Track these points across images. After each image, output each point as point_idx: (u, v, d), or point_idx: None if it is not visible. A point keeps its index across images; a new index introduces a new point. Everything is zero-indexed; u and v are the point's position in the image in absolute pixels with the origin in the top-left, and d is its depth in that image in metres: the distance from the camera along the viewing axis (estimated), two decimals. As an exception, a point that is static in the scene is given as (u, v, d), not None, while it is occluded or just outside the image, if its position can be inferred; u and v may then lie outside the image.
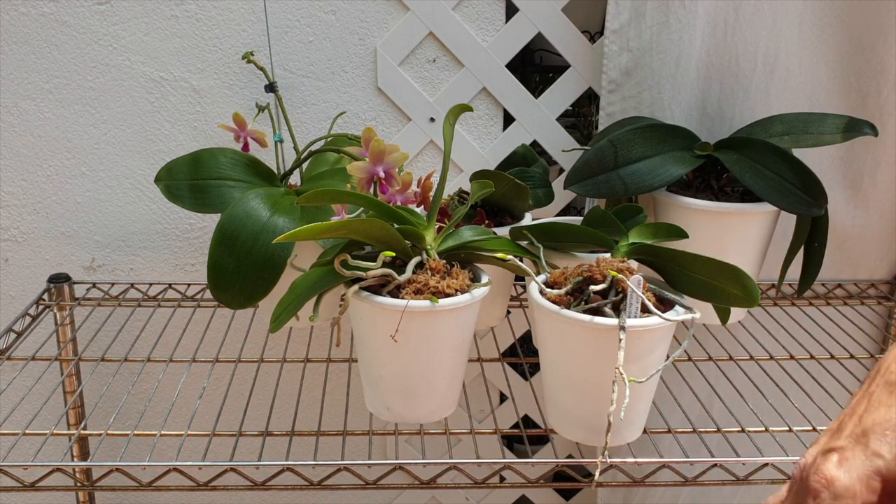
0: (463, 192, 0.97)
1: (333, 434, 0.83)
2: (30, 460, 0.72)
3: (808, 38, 1.01)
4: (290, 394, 0.92)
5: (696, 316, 0.69)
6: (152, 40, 1.02)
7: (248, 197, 0.85)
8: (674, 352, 0.70)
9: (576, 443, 0.77)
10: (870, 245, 1.11)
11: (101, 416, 1.14)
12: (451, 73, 1.05)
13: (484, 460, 0.75)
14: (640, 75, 1.00)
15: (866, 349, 1.01)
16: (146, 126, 1.05)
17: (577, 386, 0.73)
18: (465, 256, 0.79)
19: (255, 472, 0.73)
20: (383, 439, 1.18)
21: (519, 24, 1.03)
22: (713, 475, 0.76)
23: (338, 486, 0.74)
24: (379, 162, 0.80)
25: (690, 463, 0.75)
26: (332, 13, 1.02)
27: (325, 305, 0.76)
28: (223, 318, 1.05)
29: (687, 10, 0.98)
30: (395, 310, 0.70)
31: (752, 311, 1.05)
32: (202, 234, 1.09)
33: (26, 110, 1.04)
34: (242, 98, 1.04)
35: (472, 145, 1.08)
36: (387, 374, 0.74)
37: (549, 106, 1.07)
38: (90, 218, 1.08)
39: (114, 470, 0.72)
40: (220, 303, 0.86)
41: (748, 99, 1.02)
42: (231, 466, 0.72)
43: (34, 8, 1.00)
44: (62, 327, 1.04)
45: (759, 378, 0.92)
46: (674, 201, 0.94)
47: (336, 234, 0.72)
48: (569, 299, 0.73)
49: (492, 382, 1.12)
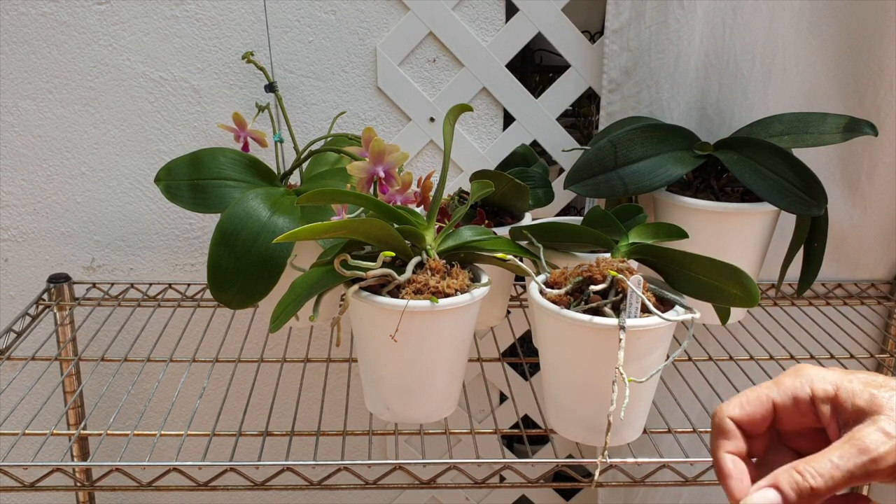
0: (463, 192, 0.97)
1: (333, 434, 0.83)
2: (30, 460, 0.72)
3: (806, 38, 1.01)
4: (290, 394, 0.92)
5: (696, 316, 0.69)
6: (152, 40, 1.02)
7: (247, 197, 0.85)
8: (674, 352, 0.70)
9: (576, 443, 0.77)
10: (869, 245, 1.11)
11: (100, 416, 1.14)
12: (451, 73, 1.05)
13: (484, 460, 0.75)
14: (640, 75, 1.00)
15: (866, 349, 1.01)
16: (146, 126, 1.05)
17: (576, 386, 0.73)
18: (465, 256, 0.79)
19: (255, 472, 0.73)
20: (383, 439, 1.18)
21: (519, 24, 1.03)
22: (713, 475, 0.75)
23: (338, 486, 0.74)
24: (379, 162, 0.80)
25: (690, 463, 0.75)
26: (332, 13, 1.02)
27: (325, 305, 0.76)
28: (223, 318, 1.05)
29: (685, 11, 0.98)
30: (394, 310, 0.70)
31: (752, 311, 1.05)
32: (202, 234, 1.09)
33: (26, 110, 1.04)
34: (242, 98, 1.04)
35: (472, 145, 1.08)
36: (387, 374, 0.74)
37: (549, 106, 1.07)
38: (90, 218, 1.08)
39: (114, 470, 0.72)
40: (219, 303, 0.86)
41: (746, 99, 1.02)
42: (231, 466, 0.72)
43: (34, 8, 1.00)
44: (62, 327, 1.04)
45: (760, 378, 0.91)
46: (674, 201, 0.94)
47: (336, 234, 0.72)
48: (569, 299, 0.73)
49: (492, 382, 1.12)
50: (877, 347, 1.16)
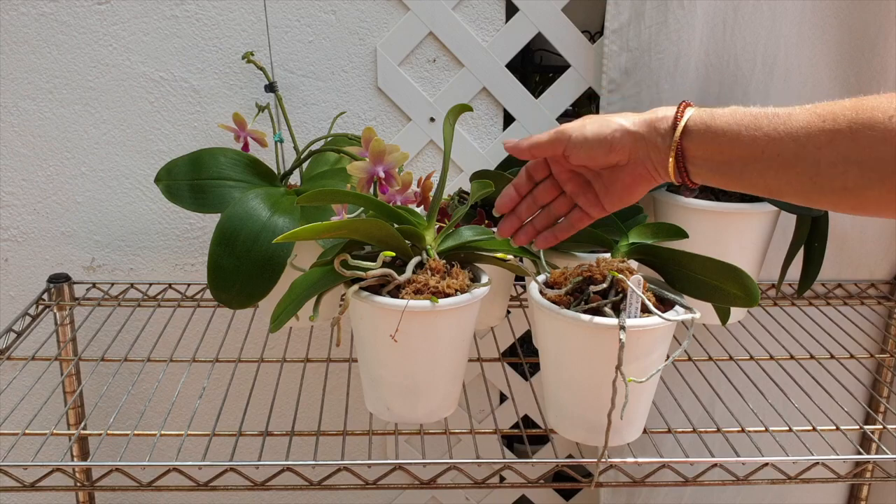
0: (463, 192, 0.97)
1: (333, 434, 0.83)
2: (30, 460, 0.72)
3: (808, 37, 1.01)
4: (290, 394, 0.92)
5: (696, 316, 0.69)
6: (152, 40, 1.02)
7: (248, 197, 0.85)
8: (674, 352, 0.70)
9: (576, 443, 0.77)
10: (870, 245, 1.11)
11: (101, 416, 1.14)
12: (451, 73, 1.05)
13: (484, 460, 0.75)
14: (640, 75, 1.00)
15: (866, 349, 1.01)
16: (146, 126, 1.05)
17: (577, 386, 0.73)
18: (465, 256, 0.79)
19: (255, 472, 0.73)
20: (383, 439, 1.18)
21: (519, 24, 1.03)
22: (713, 475, 0.76)
23: (338, 486, 0.74)
24: (379, 162, 0.80)
25: (691, 463, 0.75)
26: (332, 13, 1.02)
27: (325, 305, 0.76)
28: (223, 318, 1.05)
29: (685, 10, 0.98)
30: (394, 310, 0.70)
31: (752, 311, 1.05)
32: (202, 234, 1.09)
33: (26, 110, 1.04)
34: (242, 98, 1.04)
35: (472, 145, 1.08)
36: (387, 374, 0.74)
37: (549, 106, 1.07)
38: (90, 218, 1.08)
39: (114, 470, 0.72)
40: (220, 303, 0.86)
41: (747, 99, 1.02)
42: (231, 466, 0.72)
43: (34, 8, 1.00)
44: (62, 327, 1.04)
45: (760, 378, 0.92)
46: (674, 201, 0.94)
47: (336, 234, 0.72)
48: (569, 299, 0.73)
49: (492, 382, 1.12)
50: (877, 347, 1.16)
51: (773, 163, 0.56)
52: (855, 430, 0.84)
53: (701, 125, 0.60)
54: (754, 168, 0.57)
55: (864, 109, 0.53)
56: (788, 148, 0.55)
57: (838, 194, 0.55)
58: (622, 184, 0.65)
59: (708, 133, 0.59)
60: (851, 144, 0.53)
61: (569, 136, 0.65)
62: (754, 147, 0.57)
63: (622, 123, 0.64)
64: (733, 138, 0.58)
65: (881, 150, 0.52)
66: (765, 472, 0.76)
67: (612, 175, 0.66)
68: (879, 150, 0.52)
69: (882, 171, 0.52)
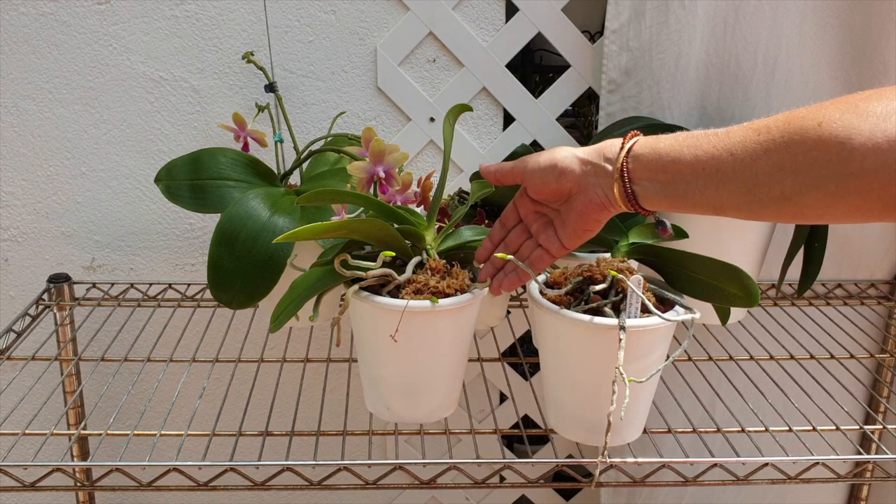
0: (463, 192, 0.97)
1: (333, 434, 0.83)
2: (30, 460, 0.72)
3: (810, 38, 1.01)
4: (290, 394, 0.92)
5: (696, 316, 0.69)
6: (152, 40, 1.02)
7: (248, 197, 0.85)
8: (674, 352, 0.70)
9: (576, 443, 0.77)
10: (870, 245, 1.11)
11: (100, 416, 1.14)
12: (451, 73, 1.05)
13: (484, 460, 0.75)
14: (640, 75, 1.00)
15: (866, 349, 1.01)
16: (146, 126, 1.05)
17: (577, 386, 0.73)
18: (465, 256, 0.79)
19: (255, 472, 0.73)
20: (383, 439, 1.18)
21: (519, 24, 1.03)
22: (713, 475, 0.76)
23: (338, 486, 0.74)
24: (379, 162, 0.80)
25: (691, 463, 0.75)
26: (332, 13, 1.02)
27: (325, 305, 0.76)
28: (223, 318, 1.05)
29: (686, 10, 0.98)
30: (395, 310, 0.70)
31: (752, 311, 1.05)
32: (202, 234, 1.09)
33: (26, 110, 1.04)
34: (242, 98, 1.04)
35: (472, 145, 1.08)
36: (387, 374, 0.74)
37: (549, 106, 1.07)
38: (90, 218, 1.08)
39: (114, 470, 0.72)
40: (220, 303, 0.86)
41: (748, 99, 1.02)
42: (231, 466, 0.72)
43: (34, 8, 1.00)
44: (62, 327, 1.04)
45: (760, 378, 0.92)
46: (674, 201, 0.94)
47: (336, 234, 0.72)
48: (569, 299, 0.73)
49: (492, 382, 1.12)
50: (877, 347, 1.16)
51: (713, 178, 0.59)
52: (855, 430, 0.84)
53: (646, 148, 0.63)
54: (696, 185, 0.60)
55: (795, 119, 0.55)
56: (726, 162, 0.58)
57: (778, 203, 0.57)
58: (576, 212, 0.67)
59: (653, 154, 0.62)
60: (785, 153, 0.55)
61: (525, 163, 0.70)
62: (696, 164, 0.60)
63: (573, 151, 0.68)
64: (676, 158, 0.61)
65: (813, 155, 0.54)
66: (765, 472, 0.76)
67: (567, 207, 0.68)
68: (811, 156, 0.54)
69: (816, 177, 0.54)
